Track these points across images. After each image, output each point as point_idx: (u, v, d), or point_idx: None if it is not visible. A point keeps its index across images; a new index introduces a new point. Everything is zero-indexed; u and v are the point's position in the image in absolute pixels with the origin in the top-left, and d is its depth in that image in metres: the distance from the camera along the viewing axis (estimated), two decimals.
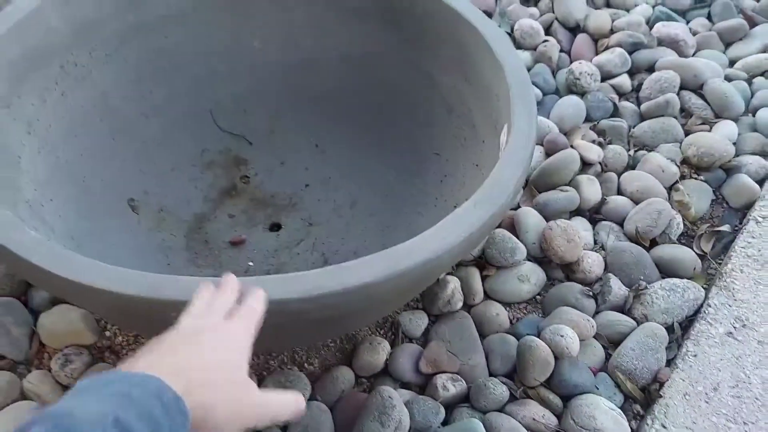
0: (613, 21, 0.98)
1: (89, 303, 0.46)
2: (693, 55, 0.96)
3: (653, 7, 1.02)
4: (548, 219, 0.75)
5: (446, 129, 0.73)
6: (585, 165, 0.81)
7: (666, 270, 0.73)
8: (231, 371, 0.35)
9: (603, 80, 0.92)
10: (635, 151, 0.85)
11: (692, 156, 0.83)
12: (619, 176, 0.81)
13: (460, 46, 0.70)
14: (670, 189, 0.80)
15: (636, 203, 0.78)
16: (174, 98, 0.78)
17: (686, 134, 0.86)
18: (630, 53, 0.94)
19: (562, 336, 0.63)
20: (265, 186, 0.80)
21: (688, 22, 1.02)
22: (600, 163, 0.82)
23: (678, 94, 0.89)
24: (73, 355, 0.63)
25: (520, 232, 0.73)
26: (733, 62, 0.97)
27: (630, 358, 0.64)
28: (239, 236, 0.74)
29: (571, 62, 0.92)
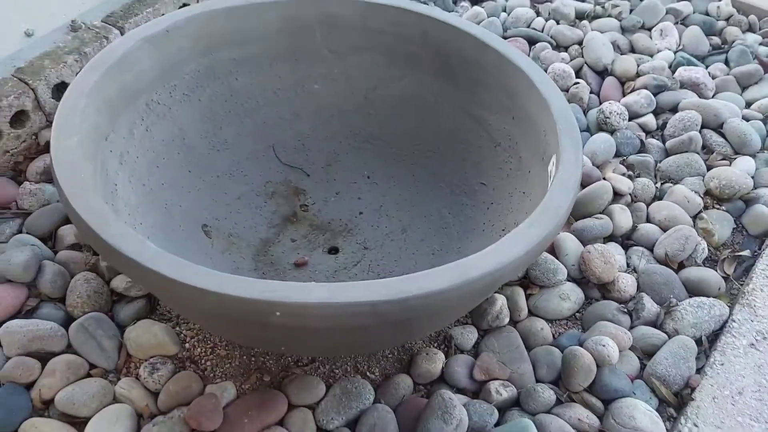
0: (639, 65, 1.07)
1: (202, 306, 0.52)
2: (712, 97, 1.04)
3: (675, 53, 1.11)
4: (585, 244, 0.81)
5: (493, 162, 0.81)
6: (616, 195, 0.88)
7: (693, 290, 0.79)
8: None
9: (630, 119, 1.00)
10: (662, 184, 0.92)
11: (714, 188, 0.90)
12: (648, 206, 0.88)
13: (508, 89, 0.77)
14: (695, 218, 0.87)
15: (664, 230, 0.84)
16: (241, 135, 0.86)
17: (708, 169, 0.93)
18: (655, 95, 1.02)
19: (604, 345, 0.69)
20: (323, 213, 0.87)
21: (707, 67, 1.10)
22: (630, 194, 0.89)
23: (700, 132, 0.97)
24: (159, 364, 0.69)
25: (560, 255, 0.80)
26: (750, 104, 1.04)
27: (664, 366, 0.70)
28: (302, 258, 0.81)
29: (601, 103, 1.00)
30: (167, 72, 0.78)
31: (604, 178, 0.89)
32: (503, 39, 0.88)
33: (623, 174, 0.91)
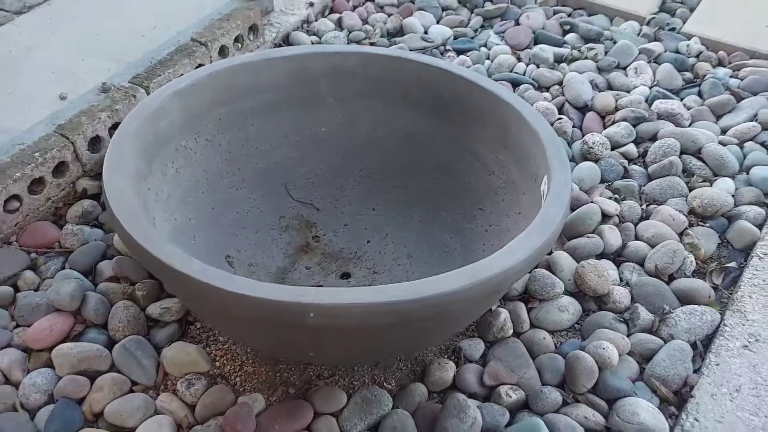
0: (617, 100, 1.16)
1: (244, 312, 0.59)
2: (689, 126, 1.13)
3: (650, 88, 1.20)
4: (578, 260, 0.88)
5: (489, 188, 0.88)
6: (605, 217, 0.95)
7: (684, 299, 0.85)
8: None
9: (613, 149, 1.08)
10: (647, 206, 0.99)
11: (697, 207, 0.97)
12: (636, 226, 0.96)
13: (499, 123, 0.86)
14: (681, 234, 0.94)
15: (652, 247, 0.91)
16: (257, 175, 0.94)
17: (690, 190, 1.01)
18: (634, 126, 1.11)
19: (604, 348, 0.75)
20: (333, 243, 0.94)
21: (682, 99, 1.19)
22: (617, 215, 0.96)
23: (680, 158, 1.05)
24: (194, 380, 0.75)
25: (556, 272, 0.87)
26: (725, 131, 1.13)
27: (662, 367, 0.76)
28: (318, 283, 0.87)
29: (583, 135, 1.09)
30: (193, 121, 0.86)
31: (592, 202, 0.96)
32: None
33: (609, 198, 0.99)
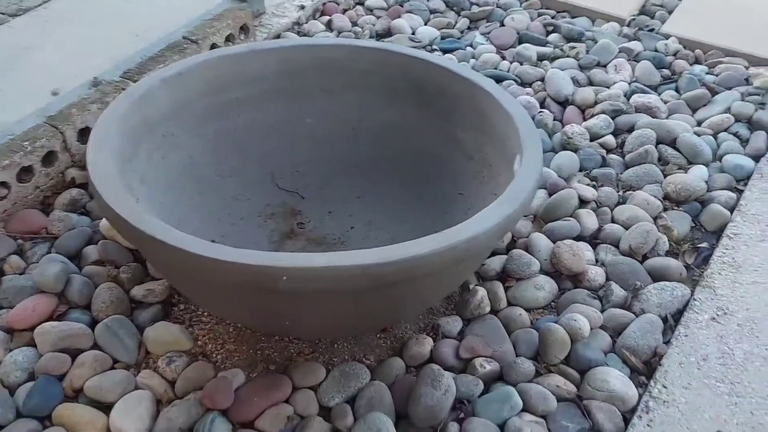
0: (596, 95, 1.19)
1: (219, 278, 0.61)
2: (666, 119, 1.16)
3: (629, 84, 1.23)
4: (555, 242, 0.90)
5: (467, 172, 0.91)
6: (582, 202, 0.98)
7: (657, 277, 0.88)
8: None
9: (592, 140, 1.11)
10: (624, 192, 1.02)
11: (672, 192, 1.00)
12: (612, 210, 0.98)
13: (478, 110, 0.88)
14: (656, 218, 0.96)
15: (627, 229, 0.94)
16: (244, 164, 0.97)
17: (665, 177, 1.03)
18: (613, 118, 1.14)
19: (575, 320, 0.77)
20: (318, 230, 0.96)
21: (660, 95, 1.22)
22: (595, 201, 0.99)
23: (656, 147, 1.08)
24: (176, 357, 0.77)
25: (533, 252, 0.89)
26: (700, 122, 1.16)
27: (633, 338, 0.78)
28: None
29: (564, 127, 1.12)
30: (180, 109, 0.89)
31: (571, 188, 0.99)
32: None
33: (588, 185, 1.02)
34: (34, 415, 0.70)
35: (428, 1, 1.49)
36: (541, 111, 1.15)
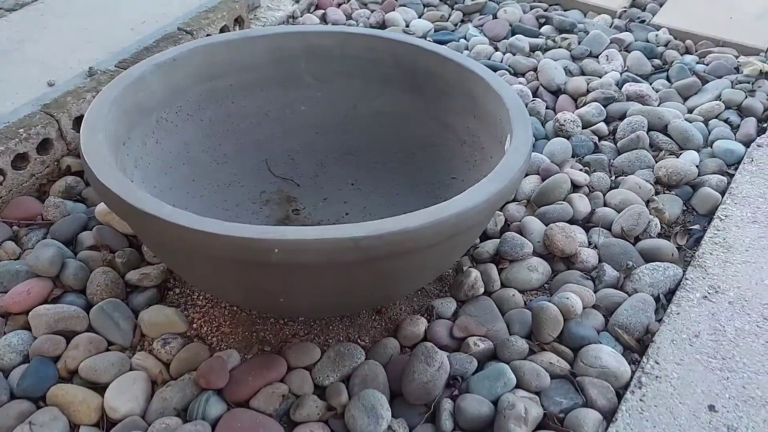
0: (588, 84, 1.20)
1: (212, 251, 0.61)
2: (657, 107, 1.17)
3: (621, 74, 1.24)
4: (547, 225, 0.91)
5: (460, 157, 0.92)
6: (575, 187, 0.99)
7: (649, 258, 0.88)
8: None
9: (584, 128, 1.11)
10: (616, 177, 1.03)
11: (663, 176, 1.00)
12: (604, 195, 0.99)
13: (469, 93, 0.89)
14: (648, 202, 0.97)
15: (619, 212, 0.94)
16: (239, 151, 0.97)
17: (657, 162, 1.04)
18: (604, 106, 1.14)
19: (568, 299, 0.78)
20: (313, 216, 0.97)
21: (651, 84, 1.23)
22: (587, 186, 0.99)
23: (647, 133, 1.08)
24: (170, 338, 0.77)
25: (526, 234, 0.90)
26: (691, 110, 1.17)
27: (626, 317, 0.79)
28: None
29: (556, 115, 1.13)
30: (174, 94, 0.89)
31: (563, 173, 0.99)
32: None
33: (580, 170, 1.02)
34: (28, 396, 0.71)
35: None
36: (534, 100, 1.16)
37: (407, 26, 1.40)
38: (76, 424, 0.69)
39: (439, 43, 1.34)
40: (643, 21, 1.43)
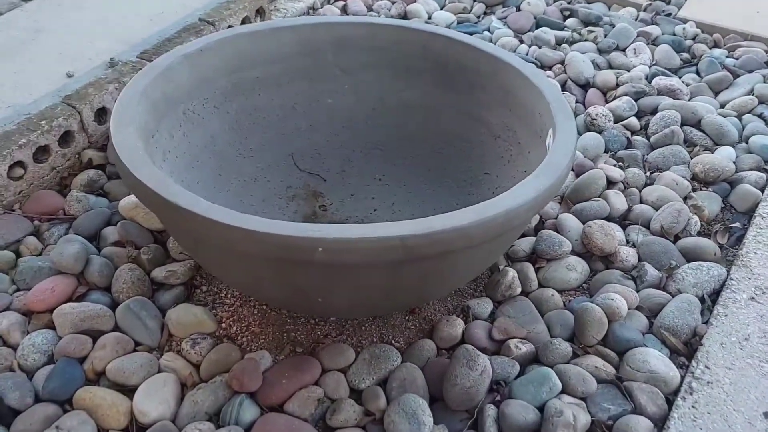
0: (617, 77, 1.17)
1: (251, 248, 0.58)
2: (689, 101, 1.14)
3: (649, 67, 1.21)
4: (584, 222, 0.88)
5: (494, 152, 0.89)
6: (610, 183, 0.96)
7: (690, 257, 0.85)
8: None
9: (615, 122, 1.09)
10: (650, 173, 1.00)
11: (700, 172, 0.98)
12: (640, 191, 0.96)
13: (503, 87, 0.86)
14: (685, 199, 0.94)
15: (656, 209, 0.92)
16: (264, 144, 0.94)
17: (692, 158, 1.01)
18: (635, 100, 1.12)
19: (612, 299, 0.75)
20: (341, 212, 0.94)
21: (680, 78, 1.20)
22: (622, 182, 0.97)
23: (681, 128, 1.06)
24: (200, 338, 0.74)
25: (563, 232, 0.87)
26: (723, 105, 1.14)
27: (672, 318, 0.76)
28: None
29: (586, 109, 1.10)
30: (201, 86, 0.86)
31: (598, 168, 0.97)
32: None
33: (614, 165, 0.99)
34: (54, 399, 0.68)
35: None
36: (564, 93, 1.13)
37: (429, 18, 1.37)
38: (105, 429, 0.66)
39: None
40: (669, 14, 1.40)
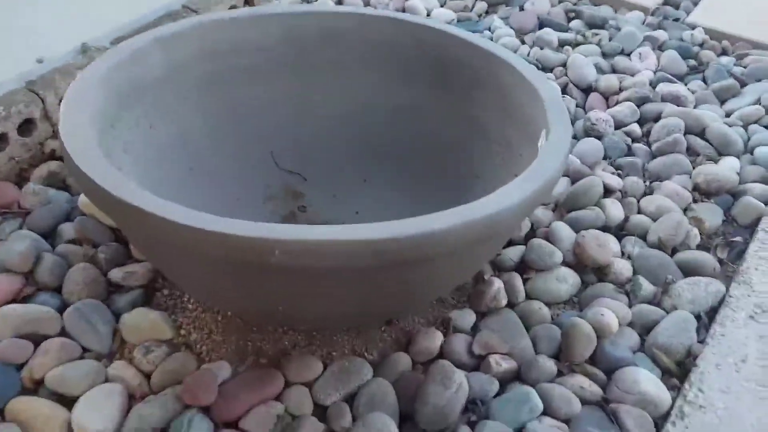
0: (621, 82, 1.12)
1: (205, 250, 0.53)
2: (693, 109, 1.08)
3: (654, 73, 1.16)
4: (578, 232, 0.82)
5: (485, 155, 0.83)
6: (607, 191, 0.90)
7: (688, 271, 0.80)
8: None
9: (616, 128, 1.03)
10: (650, 182, 0.94)
11: (701, 183, 0.92)
12: (638, 201, 0.90)
13: (499, 85, 0.80)
14: (685, 210, 0.89)
15: (655, 220, 0.86)
16: (242, 140, 0.89)
17: (694, 167, 0.96)
18: (638, 106, 1.06)
19: (603, 315, 0.70)
20: (321, 214, 0.89)
21: (686, 84, 1.15)
22: (620, 190, 0.91)
23: (684, 137, 1.00)
24: (154, 346, 0.69)
25: (555, 242, 0.81)
26: (729, 114, 1.08)
27: (665, 336, 0.70)
28: None
29: (586, 114, 1.04)
30: (174, 73, 0.81)
31: (595, 175, 0.91)
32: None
33: (612, 173, 0.94)
34: None
35: None
36: (564, 96, 1.07)
37: (428, 15, 1.32)
38: None
39: None
40: (678, 19, 1.35)
